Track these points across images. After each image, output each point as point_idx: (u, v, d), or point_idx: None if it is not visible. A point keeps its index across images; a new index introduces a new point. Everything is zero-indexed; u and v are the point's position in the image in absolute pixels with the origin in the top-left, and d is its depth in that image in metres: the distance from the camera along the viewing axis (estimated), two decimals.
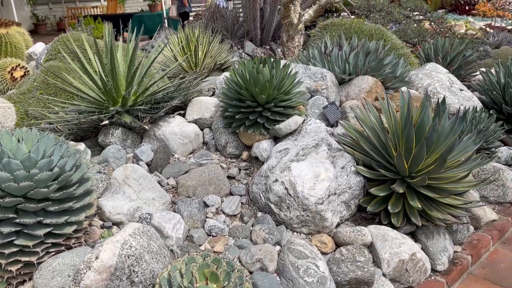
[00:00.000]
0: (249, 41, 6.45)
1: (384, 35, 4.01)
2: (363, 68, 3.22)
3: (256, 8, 6.12)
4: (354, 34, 3.99)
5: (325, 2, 5.66)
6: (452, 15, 10.20)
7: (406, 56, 3.98)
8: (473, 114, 3.13)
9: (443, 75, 3.49)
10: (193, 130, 2.76)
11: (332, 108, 2.87)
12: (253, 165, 2.61)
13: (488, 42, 6.49)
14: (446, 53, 4.32)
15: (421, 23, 7.37)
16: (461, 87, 3.49)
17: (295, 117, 2.58)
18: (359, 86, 3.15)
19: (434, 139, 2.23)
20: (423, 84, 3.47)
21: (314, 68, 3.12)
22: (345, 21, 4.14)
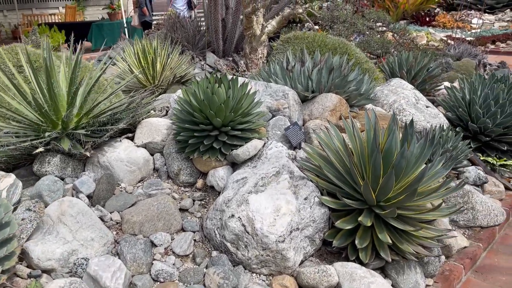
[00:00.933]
0: (211, 52, 6.20)
1: (348, 49, 3.87)
2: (327, 85, 3.04)
3: (218, 19, 5.89)
4: (318, 48, 3.82)
5: (288, 13, 5.50)
6: (414, 26, 10.33)
7: (371, 71, 3.85)
8: (440, 133, 3.00)
9: (409, 91, 3.36)
10: (142, 156, 2.48)
11: (294, 129, 2.66)
12: (208, 195, 2.36)
13: (449, 54, 6.52)
14: (410, 67, 4.22)
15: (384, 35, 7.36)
16: (427, 103, 3.37)
17: (254, 141, 2.35)
18: (322, 105, 2.97)
19: (403, 166, 2.06)
20: (388, 101, 3.33)
21: (275, 85, 2.91)
22: (308, 34, 3.98)
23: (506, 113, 3.17)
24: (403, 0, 10.72)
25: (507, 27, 9.47)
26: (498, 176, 3.16)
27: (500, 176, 3.17)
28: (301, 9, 5.43)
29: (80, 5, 14.24)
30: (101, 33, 9.41)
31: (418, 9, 10.92)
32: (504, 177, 3.19)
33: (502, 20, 9.92)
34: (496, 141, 3.26)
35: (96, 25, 9.57)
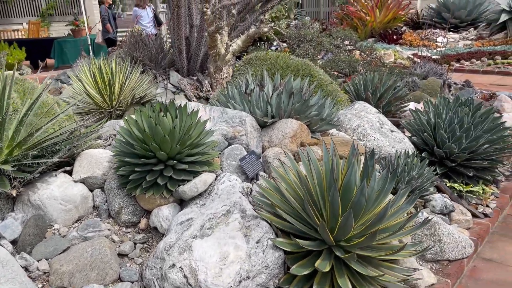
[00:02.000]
0: (175, 71, 5.98)
1: (311, 70, 3.72)
2: (287, 110, 2.86)
3: (181, 37, 5.69)
4: (280, 69, 3.67)
5: (253, 32, 5.36)
6: (381, 44, 10.41)
7: (335, 93, 3.71)
8: (405, 159, 2.86)
9: (373, 115, 3.22)
10: (79, 193, 2.22)
11: (251, 159, 2.45)
12: (152, 237, 2.11)
13: (416, 73, 6.51)
14: (375, 88, 4.12)
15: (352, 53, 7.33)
16: (391, 128, 3.24)
17: (204, 175, 2.13)
18: (282, 131, 2.78)
19: (363, 203, 1.87)
20: (352, 125, 3.18)
21: (231, 111, 2.71)
22: (271, 55, 3.82)
23: (471, 138, 3.07)
24: (370, 19, 10.82)
25: (471, 45, 9.65)
26: (465, 202, 3.04)
27: (467, 203, 3.04)
28: (266, 28, 5.30)
29: (45, 21, 13.81)
30: (63, 51, 9.05)
31: (385, 27, 11.04)
32: (471, 204, 3.07)
33: (466, 39, 10.12)
34: (462, 166, 3.14)
35: (58, 42, 9.21)
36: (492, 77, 7.97)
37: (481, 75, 8.24)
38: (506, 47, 9.06)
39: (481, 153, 3.09)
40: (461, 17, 10.34)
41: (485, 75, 8.18)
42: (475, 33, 10.09)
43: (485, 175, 3.11)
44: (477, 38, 9.90)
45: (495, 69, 8.29)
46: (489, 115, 3.17)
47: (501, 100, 4.92)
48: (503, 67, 8.31)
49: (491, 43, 9.47)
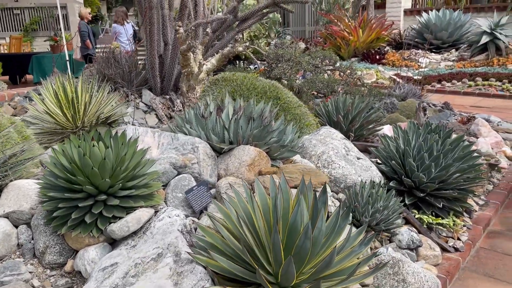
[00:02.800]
0: (148, 90, 5.79)
1: (278, 93, 3.55)
2: (245, 136, 2.67)
3: (154, 55, 5.51)
4: (246, 91, 3.49)
5: (228, 51, 5.20)
6: (364, 64, 10.36)
7: (303, 117, 3.53)
8: (370, 190, 2.67)
9: (338, 141, 3.04)
10: (1, 229, 1.99)
11: (199, 191, 2.25)
12: (77, 282, 1.88)
13: (394, 94, 6.40)
14: (347, 111, 3.95)
15: (333, 73, 7.21)
16: (358, 154, 3.05)
17: (138, 212, 1.91)
18: (239, 158, 2.58)
19: (308, 248, 1.67)
20: (316, 152, 2.99)
21: (183, 137, 2.51)
22: (238, 76, 3.65)
23: (440, 167, 2.89)
24: (353, 38, 10.79)
25: (452, 66, 9.63)
26: (435, 236, 2.85)
27: (437, 236, 2.85)
28: (241, 48, 5.14)
29: (29, 35, 13.60)
30: (42, 66, 8.83)
31: (368, 47, 11.02)
32: (441, 237, 2.88)
33: (448, 60, 10.10)
34: (433, 196, 2.96)
35: (36, 58, 8.99)
36: (473, 99, 7.91)
37: (462, 96, 8.18)
38: (487, 69, 9.04)
39: (451, 183, 2.92)
40: (442, 38, 10.34)
41: (466, 97, 8.13)
42: (456, 54, 10.09)
43: (456, 207, 2.93)
44: (459, 59, 9.89)
45: (475, 91, 8.24)
46: (459, 143, 3.01)
47: (477, 124, 4.79)
48: (484, 89, 8.26)
49: (472, 65, 9.46)
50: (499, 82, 8.27)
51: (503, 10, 10.67)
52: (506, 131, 5.19)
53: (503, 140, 4.77)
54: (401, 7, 11.72)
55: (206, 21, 5.53)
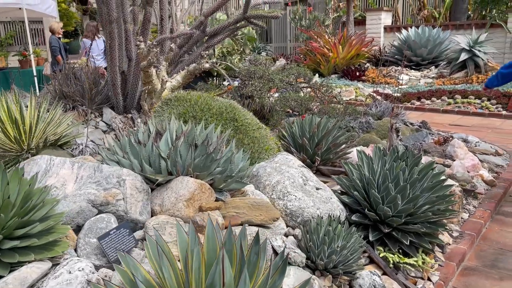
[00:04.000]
0: (109, 108, 5.44)
1: (236, 114, 3.23)
2: (185, 166, 2.33)
3: (115, 71, 5.16)
4: (199, 112, 3.16)
5: (194, 67, 4.90)
6: (344, 81, 10.16)
7: (262, 140, 3.21)
8: (326, 227, 2.33)
9: (295, 169, 2.72)
10: None
11: (118, 234, 1.89)
12: None
13: (370, 113, 6.14)
14: (313, 132, 3.64)
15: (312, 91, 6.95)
16: (317, 184, 2.73)
17: (24, 269, 1.55)
18: (176, 192, 2.24)
19: None
20: (271, 182, 2.66)
21: (108, 168, 2.16)
22: (192, 96, 3.32)
23: (408, 198, 2.58)
24: (333, 55, 10.61)
25: (432, 83, 9.47)
26: (402, 277, 2.52)
27: (405, 277, 2.53)
28: (207, 64, 4.86)
29: (3, 50, 13.17)
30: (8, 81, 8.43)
31: (348, 64, 10.84)
32: (410, 278, 2.55)
33: (427, 77, 9.95)
34: (400, 231, 2.64)
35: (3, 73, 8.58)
36: (452, 117, 7.71)
37: (441, 114, 7.98)
38: (466, 86, 8.89)
39: (419, 217, 2.61)
40: (422, 55, 10.21)
41: (445, 114, 7.93)
42: (436, 71, 9.95)
43: (425, 243, 2.61)
44: (438, 77, 9.74)
45: (455, 108, 8.05)
46: (428, 171, 2.71)
47: (454, 145, 4.53)
48: (463, 107, 8.08)
49: (451, 82, 9.31)
50: (478, 100, 8.10)
51: (482, 27, 10.61)
52: (484, 152, 4.94)
53: (480, 162, 4.50)
54: (381, 23, 11.61)
55: (170, 36, 5.24)
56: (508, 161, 4.83)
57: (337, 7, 11.94)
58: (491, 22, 10.53)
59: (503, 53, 10.29)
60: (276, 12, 5.50)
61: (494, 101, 7.85)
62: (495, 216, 3.63)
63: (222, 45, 6.67)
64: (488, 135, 6.33)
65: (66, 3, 13.79)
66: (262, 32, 16.21)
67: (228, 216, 2.30)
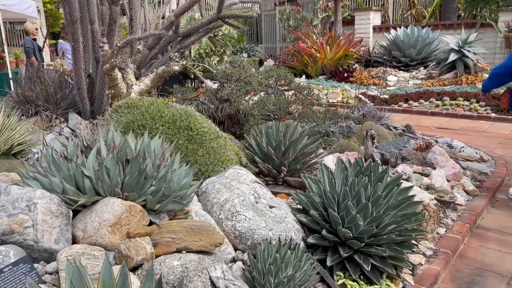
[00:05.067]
0: (76, 113, 5.15)
1: (191, 122, 2.94)
2: (111, 186, 2.04)
3: (80, 75, 4.88)
4: (149, 121, 2.87)
5: (163, 70, 4.61)
6: (331, 82, 9.89)
7: (219, 151, 2.92)
8: (275, 254, 2.05)
9: (247, 185, 2.43)
10: None
11: (15, 272, 1.60)
12: None
13: (352, 117, 5.86)
14: (279, 141, 3.36)
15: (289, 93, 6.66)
16: (271, 202, 2.44)
17: None
18: (100, 216, 1.95)
19: None
20: (219, 200, 2.37)
21: (17, 190, 1.87)
22: (144, 102, 3.03)
23: (370, 218, 2.30)
24: (321, 56, 10.33)
25: (420, 85, 9.20)
26: None
27: None
28: (177, 67, 4.56)
29: None
30: None
31: (336, 65, 10.57)
32: None
33: (416, 78, 9.69)
34: (363, 253, 2.36)
35: None
36: (440, 119, 7.44)
37: (429, 116, 7.71)
38: (456, 87, 8.63)
39: (383, 238, 2.32)
40: (411, 55, 9.93)
41: (432, 117, 7.66)
42: (425, 72, 9.68)
43: (388, 267, 2.32)
44: (427, 78, 9.47)
45: (443, 111, 7.78)
46: (394, 187, 2.43)
47: (435, 152, 4.25)
48: (452, 109, 7.82)
49: (441, 83, 9.05)
50: (467, 102, 7.84)
51: (472, 27, 10.35)
52: (468, 158, 4.66)
53: (462, 170, 4.23)
54: (370, 23, 11.33)
55: (138, 37, 4.94)
56: (493, 168, 4.56)
57: (326, 7, 11.66)
58: (481, 21, 10.27)
59: (493, 53, 10.03)
60: (251, 12, 5.23)
61: (483, 103, 7.58)
62: (475, 230, 3.36)
63: (200, 46, 6.39)
64: (476, 139, 6.06)
65: (51, 4, 13.46)
66: (252, 33, 15.94)
67: (162, 242, 2.01)
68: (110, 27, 4.84)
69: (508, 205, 3.77)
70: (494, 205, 3.80)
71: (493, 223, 3.47)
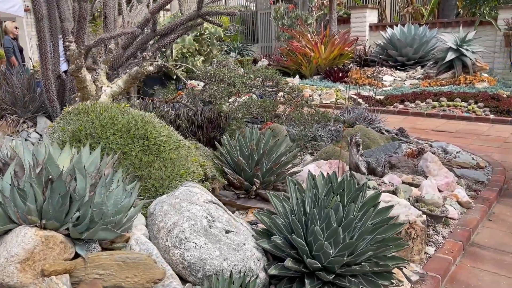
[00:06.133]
0: (45, 117, 4.81)
1: (148, 130, 2.59)
2: (23, 213, 1.69)
3: (48, 76, 4.54)
4: (99, 129, 2.52)
5: (136, 71, 4.26)
6: (326, 82, 9.52)
7: (180, 162, 2.57)
8: None
9: (200, 207, 2.07)
10: None
11: None
12: None
13: (341, 120, 5.50)
14: (251, 150, 3.01)
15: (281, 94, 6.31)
16: (228, 226, 2.09)
17: None
18: (8, 251, 1.60)
19: None
20: (166, 223, 2.02)
21: None
22: (96, 107, 2.68)
23: (342, 245, 1.94)
24: (315, 55, 9.96)
25: (417, 85, 8.83)
26: None
27: None
28: (151, 67, 4.21)
29: None
30: None
31: (331, 64, 10.20)
32: None
33: (413, 78, 9.30)
34: (334, 285, 2.01)
35: None
36: (436, 121, 7.07)
37: (425, 118, 7.35)
38: (453, 88, 8.25)
39: (356, 269, 1.97)
40: (408, 54, 9.55)
41: (429, 119, 7.29)
42: (422, 72, 9.29)
43: None
44: (424, 77, 9.09)
45: (440, 112, 7.42)
46: (370, 208, 2.07)
47: (427, 159, 3.89)
48: (449, 110, 7.45)
49: (438, 83, 8.67)
50: (465, 103, 7.46)
51: (471, 25, 9.95)
52: (463, 165, 4.30)
53: (457, 178, 3.87)
54: (366, 21, 10.94)
55: (110, 36, 4.59)
56: (490, 175, 4.19)
57: (321, 5, 11.27)
58: (480, 19, 9.87)
59: (493, 52, 9.63)
60: (233, 9, 4.86)
61: (482, 104, 7.21)
62: (469, 249, 3.00)
63: (183, 45, 6.03)
64: (473, 142, 5.69)
65: None
66: (248, 32, 15.59)
67: (87, 280, 1.67)
68: (80, 24, 4.48)
69: (506, 218, 3.41)
70: (490, 218, 3.44)
71: (489, 240, 3.11)
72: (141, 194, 2.35)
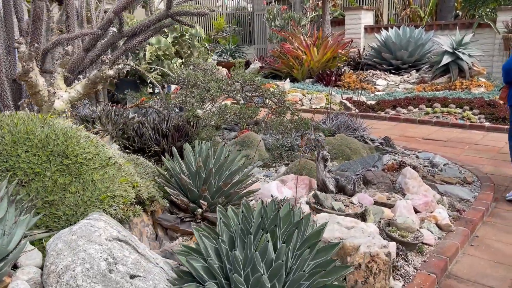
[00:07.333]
0: None
1: (70, 146, 2.22)
2: None
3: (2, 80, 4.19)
4: (9, 146, 2.15)
5: (95, 76, 3.90)
6: (318, 86, 9.12)
7: (103, 185, 2.19)
8: None
9: (99, 246, 1.70)
10: None
11: None
12: None
13: (322, 128, 5.11)
14: (197, 167, 2.63)
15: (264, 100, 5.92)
16: (134, 270, 1.70)
17: None
18: None
19: None
20: (57, 266, 1.65)
21: None
22: (14, 118, 2.31)
23: None
24: (307, 57, 9.56)
25: (411, 89, 8.40)
26: None
27: None
28: (112, 71, 3.85)
29: None
30: None
31: (324, 67, 9.79)
32: None
33: (407, 82, 8.87)
34: None
35: None
36: (428, 129, 6.64)
37: (416, 125, 6.92)
38: (448, 93, 7.82)
39: None
40: (402, 58, 9.12)
41: (421, 126, 6.87)
42: (417, 76, 8.87)
43: None
44: (419, 82, 8.67)
45: (433, 119, 6.99)
46: (310, 246, 1.68)
47: (405, 175, 3.49)
48: (442, 117, 7.02)
49: (433, 88, 8.24)
50: (460, 109, 7.03)
51: (469, 28, 9.50)
52: (448, 180, 3.89)
53: (439, 196, 3.47)
54: (361, 23, 10.52)
55: (68, 37, 4.24)
56: (477, 192, 3.77)
57: (316, 6, 10.87)
58: (478, 21, 9.41)
59: (491, 55, 9.17)
60: (203, 9, 4.49)
61: (477, 111, 6.78)
62: (444, 281, 2.60)
63: (158, 47, 5.67)
64: (465, 152, 5.27)
65: None
66: (244, 33, 15.22)
67: None
68: (35, 24, 4.12)
69: (490, 243, 3.01)
70: (473, 243, 3.03)
71: (468, 270, 2.70)
72: (49, 225, 1.98)
